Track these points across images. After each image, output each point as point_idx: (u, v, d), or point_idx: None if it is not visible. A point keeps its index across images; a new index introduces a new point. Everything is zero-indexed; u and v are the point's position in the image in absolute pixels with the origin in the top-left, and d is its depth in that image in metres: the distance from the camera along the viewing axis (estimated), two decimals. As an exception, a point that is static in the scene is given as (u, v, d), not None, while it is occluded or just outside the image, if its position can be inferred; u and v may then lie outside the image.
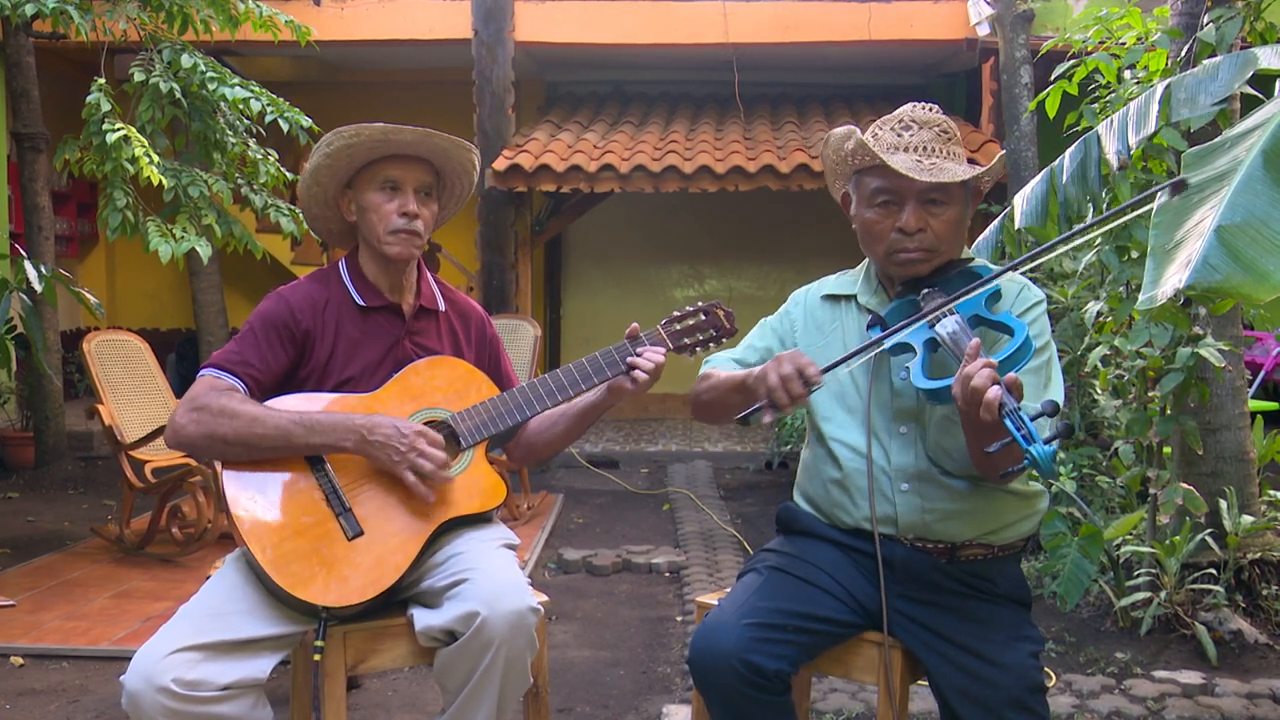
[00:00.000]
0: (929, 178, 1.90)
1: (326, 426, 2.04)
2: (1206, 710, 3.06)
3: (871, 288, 2.10)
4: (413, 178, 2.17)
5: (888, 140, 1.97)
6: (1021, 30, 6.57)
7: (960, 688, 1.86)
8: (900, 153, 1.94)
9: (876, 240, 2.00)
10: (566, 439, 2.34)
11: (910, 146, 1.94)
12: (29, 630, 3.77)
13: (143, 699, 1.81)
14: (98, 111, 4.50)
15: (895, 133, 1.97)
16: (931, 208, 1.95)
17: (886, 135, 1.98)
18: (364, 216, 2.20)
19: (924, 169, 1.91)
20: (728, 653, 1.84)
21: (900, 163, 1.91)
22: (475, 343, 2.35)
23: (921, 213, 1.94)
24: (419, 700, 3.21)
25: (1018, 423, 1.60)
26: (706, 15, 7.67)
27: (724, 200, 8.34)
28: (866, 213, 2.01)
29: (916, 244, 1.95)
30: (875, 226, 1.99)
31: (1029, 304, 1.97)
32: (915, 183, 1.91)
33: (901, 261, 1.97)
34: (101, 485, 6.49)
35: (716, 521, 5.51)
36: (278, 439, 2.02)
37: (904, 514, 1.96)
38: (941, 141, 1.96)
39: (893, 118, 2.01)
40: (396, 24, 7.70)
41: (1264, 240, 1.57)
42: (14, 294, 4.25)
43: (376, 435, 2.02)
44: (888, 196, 1.96)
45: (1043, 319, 1.97)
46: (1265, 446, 3.91)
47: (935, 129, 1.97)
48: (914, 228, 1.94)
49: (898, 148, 1.95)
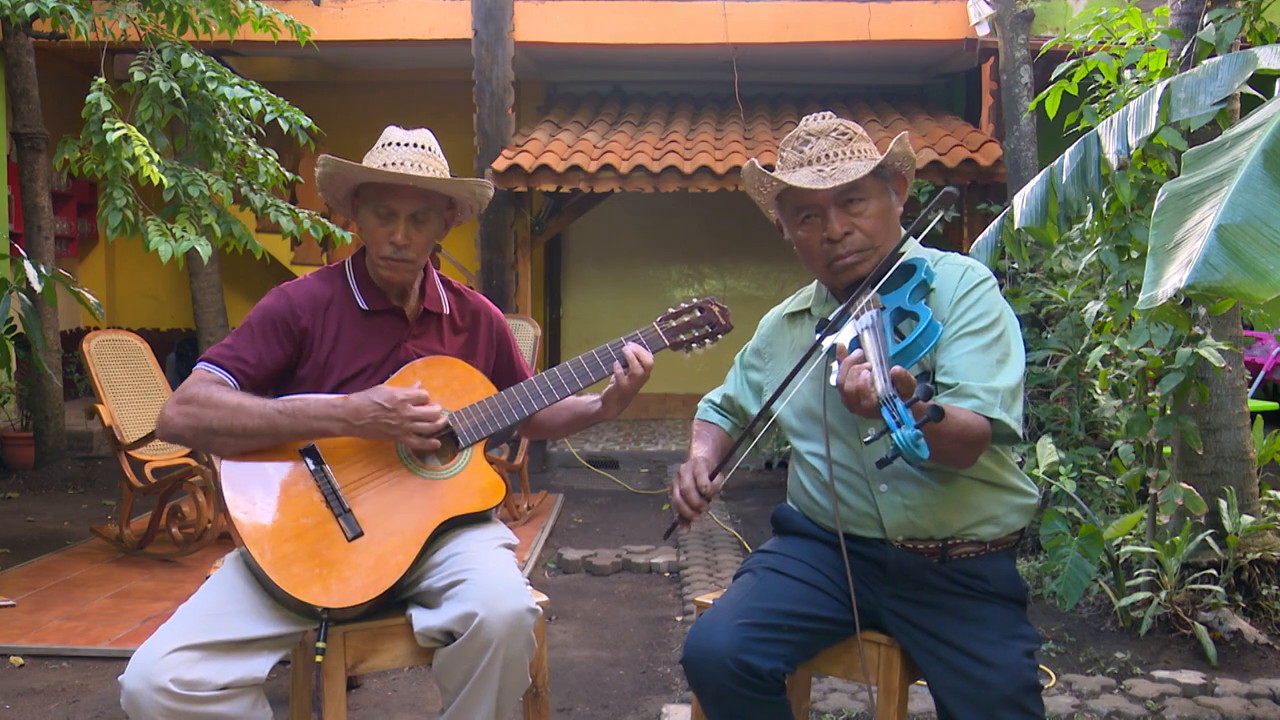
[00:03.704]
0: (831, 183, 1.94)
1: (311, 413, 2.05)
2: (1206, 710, 3.06)
3: (822, 297, 2.13)
4: (406, 207, 2.16)
5: (791, 159, 2.02)
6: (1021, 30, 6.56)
7: (953, 688, 1.86)
8: (802, 168, 1.99)
9: (813, 256, 2.04)
10: (566, 431, 2.41)
11: (812, 159, 1.99)
12: (29, 630, 3.77)
13: (141, 698, 1.81)
14: (97, 111, 4.50)
15: (796, 150, 2.02)
16: (851, 208, 1.98)
17: (790, 154, 2.03)
18: (363, 232, 2.23)
19: (824, 177, 1.95)
20: (722, 652, 1.85)
21: (801, 179, 1.96)
22: (483, 340, 2.35)
23: (843, 216, 1.98)
24: (419, 700, 3.21)
25: (891, 409, 1.62)
26: (706, 15, 7.67)
27: (724, 200, 8.34)
28: (797, 232, 2.05)
29: (847, 248, 1.98)
30: (807, 243, 2.04)
31: (972, 284, 1.97)
32: (821, 192, 1.95)
33: (839, 269, 2.01)
34: (101, 485, 6.49)
35: (716, 521, 5.51)
36: (263, 427, 2.02)
37: (887, 514, 1.97)
38: (841, 144, 1.99)
39: (793, 136, 2.06)
40: (396, 24, 7.70)
41: (1264, 240, 1.57)
42: (14, 294, 4.25)
43: (364, 418, 2.04)
44: (808, 212, 2.01)
45: (988, 296, 1.95)
46: (1265, 446, 3.91)
47: (832, 135, 2.01)
48: (839, 233, 1.98)
49: (800, 164, 2.00)
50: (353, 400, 2.05)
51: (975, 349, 1.89)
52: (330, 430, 2.05)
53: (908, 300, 1.88)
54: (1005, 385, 1.86)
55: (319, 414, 2.05)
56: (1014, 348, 1.93)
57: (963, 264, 2.01)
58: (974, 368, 1.87)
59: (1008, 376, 1.88)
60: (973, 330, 1.91)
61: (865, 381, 1.67)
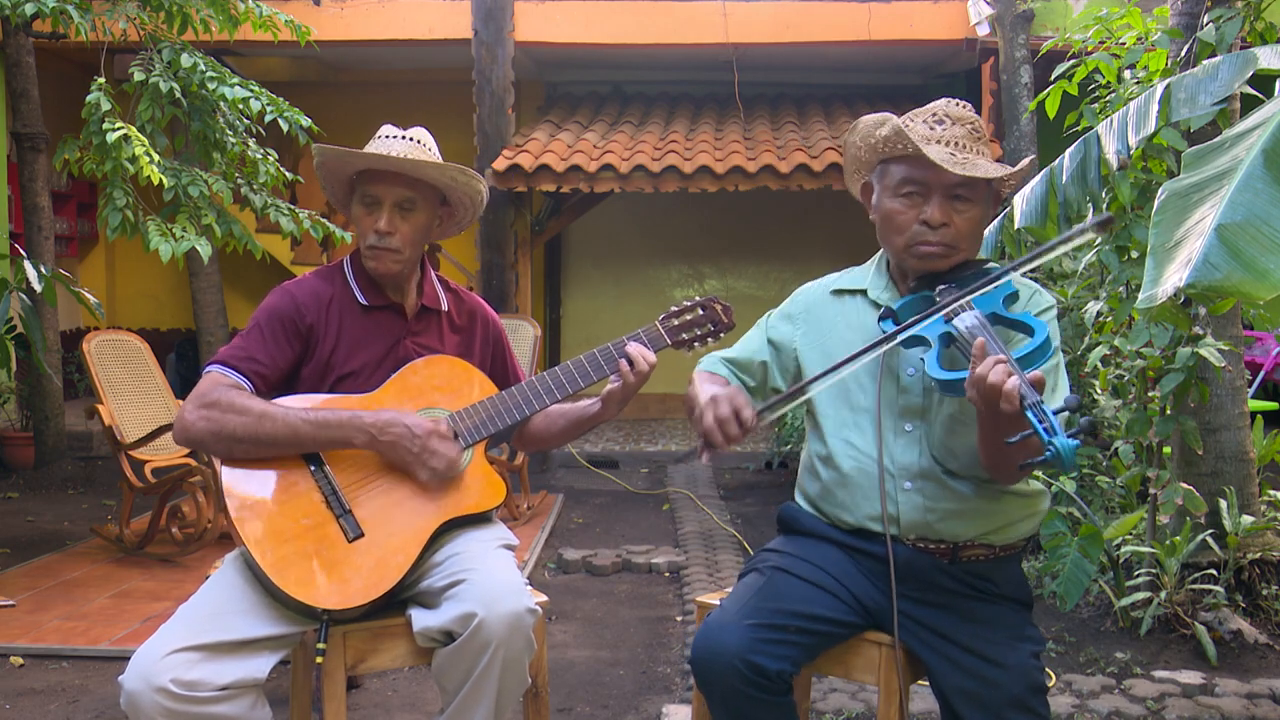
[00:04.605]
0: (962, 171, 1.88)
1: (336, 424, 2.04)
2: (1206, 710, 3.06)
3: (884, 282, 2.07)
4: (390, 194, 2.16)
5: (920, 132, 1.95)
6: (1021, 30, 6.57)
7: (961, 688, 1.86)
8: (933, 145, 1.93)
9: (898, 231, 1.97)
10: (564, 439, 2.38)
11: (943, 140, 1.93)
12: (29, 630, 3.77)
13: (141, 699, 1.81)
14: (97, 111, 4.50)
15: (928, 125, 1.96)
16: (957, 204, 1.93)
17: (919, 127, 1.96)
18: (354, 225, 2.23)
19: (957, 162, 1.89)
20: (730, 653, 1.84)
21: (935, 153, 1.89)
22: (480, 340, 2.35)
23: (947, 207, 1.93)
24: (419, 700, 3.21)
25: (1040, 415, 1.59)
26: (706, 15, 7.67)
27: (724, 200, 8.35)
28: (891, 202, 1.98)
29: (939, 238, 1.93)
30: (899, 217, 1.96)
31: (1040, 308, 1.96)
32: (946, 175, 1.90)
33: (922, 255, 1.95)
34: (101, 485, 6.49)
35: (716, 521, 5.51)
36: (287, 436, 2.02)
37: (906, 513, 1.95)
38: (973, 139, 1.95)
39: (925, 111, 1.99)
40: (396, 24, 7.70)
41: (1264, 239, 1.58)
42: (14, 294, 4.25)
43: (388, 435, 2.03)
44: (914, 187, 1.94)
45: (1054, 324, 1.96)
46: (1265, 446, 3.91)
47: (968, 126, 1.96)
48: (939, 221, 1.92)
49: (930, 140, 1.93)
50: (384, 414, 2.05)
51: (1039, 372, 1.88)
52: (353, 441, 2.05)
53: (1003, 308, 1.86)
54: None
55: (345, 424, 2.04)
56: (1063, 378, 1.93)
57: (1031, 286, 2.00)
58: None
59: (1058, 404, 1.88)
60: None
61: (1015, 385, 1.62)
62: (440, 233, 2.30)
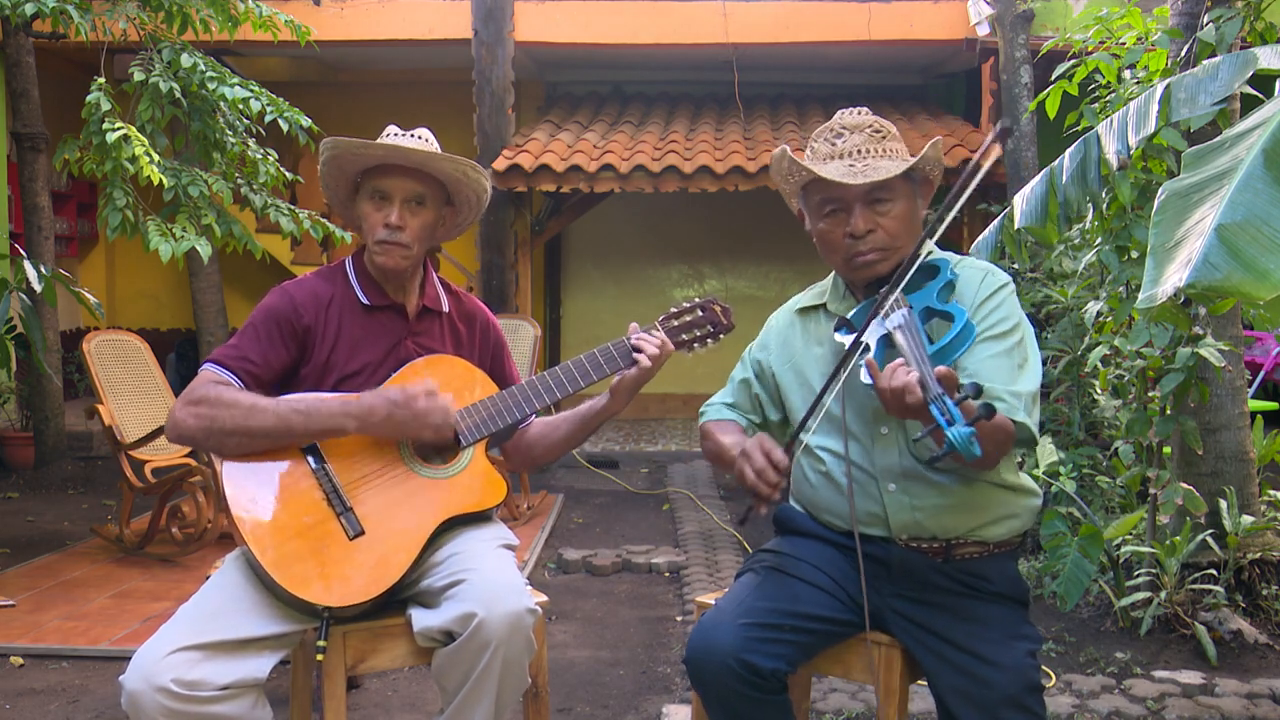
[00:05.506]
0: (862, 180, 1.93)
1: (326, 413, 2.05)
2: (1206, 710, 3.06)
3: (839, 294, 2.13)
4: (401, 188, 2.18)
5: (823, 151, 2.01)
6: (1021, 30, 6.57)
7: (956, 687, 1.86)
8: (834, 161, 1.98)
9: (832, 249, 2.04)
10: (567, 445, 2.35)
11: (844, 153, 1.98)
12: (29, 630, 3.77)
13: (142, 699, 1.81)
14: (97, 111, 4.50)
15: (829, 142, 2.02)
16: (878, 206, 1.98)
17: (821, 146, 2.02)
18: (361, 224, 2.23)
19: (856, 172, 1.94)
20: (725, 652, 1.85)
21: (832, 171, 1.95)
22: (479, 344, 2.36)
23: (868, 214, 1.98)
24: (419, 700, 3.21)
25: (941, 408, 1.61)
26: (706, 15, 7.67)
27: (724, 200, 8.34)
28: (819, 224, 2.05)
29: (869, 245, 1.98)
30: (829, 236, 2.03)
31: (993, 288, 1.98)
32: (852, 188, 1.95)
33: (858, 265, 2.01)
34: (101, 485, 6.49)
35: (716, 521, 5.51)
36: (277, 427, 2.03)
37: (894, 514, 1.97)
38: (874, 141, 1.99)
39: (825, 128, 2.05)
40: (396, 24, 7.70)
41: (1264, 239, 1.57)
42: (14, 294, 4.25)
43: (377, 415, 2.05)
44: (833, 205, 2.00)
45: (1009, 302, 1.97)
46: (1265, 446, 3.91)
47: (866, 131, 2.00)
48: (863, 230, 1.97)
49: (831, 156, 1.99)
50: (366, 399, 2.06)
51: (998, 353, 1.90)
52: (344, 428, 2.06)
53: (936, 300, 1.89)
54: (1027, 390, 1.88)
55: (333, 413, 2.05)
56: (1032, 353, 1.95)
57: (983, 268, 2.02)
58: (997, 371, 1.88)
59: (1029, 381, 1.90)
60: (995, 334, 1.93)
61: (912, 380, 1.66)
62: (441, 234, 2.31)
